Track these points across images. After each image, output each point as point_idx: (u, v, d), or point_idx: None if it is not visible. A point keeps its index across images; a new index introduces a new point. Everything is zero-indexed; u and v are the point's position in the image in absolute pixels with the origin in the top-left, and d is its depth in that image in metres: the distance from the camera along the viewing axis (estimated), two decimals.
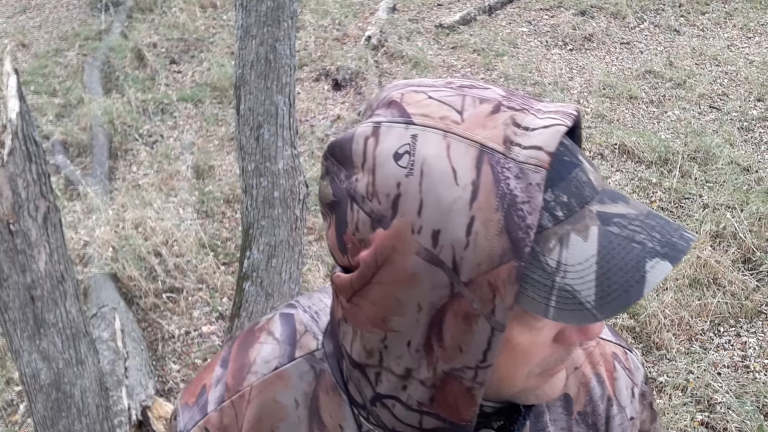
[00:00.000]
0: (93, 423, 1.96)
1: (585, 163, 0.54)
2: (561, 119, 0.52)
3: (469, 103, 0.53)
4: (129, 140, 4.95)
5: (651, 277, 0.49)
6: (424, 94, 0.55)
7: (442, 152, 0.51)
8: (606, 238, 0.51)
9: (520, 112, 0.53)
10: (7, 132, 1.60)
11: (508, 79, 5.37)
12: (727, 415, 2.73)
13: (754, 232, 3.59)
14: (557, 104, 0.55)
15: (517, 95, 0.56)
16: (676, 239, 0.51)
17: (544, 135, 0.51)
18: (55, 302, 1.78)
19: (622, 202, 0.54)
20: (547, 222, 0.51)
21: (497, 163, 0.50)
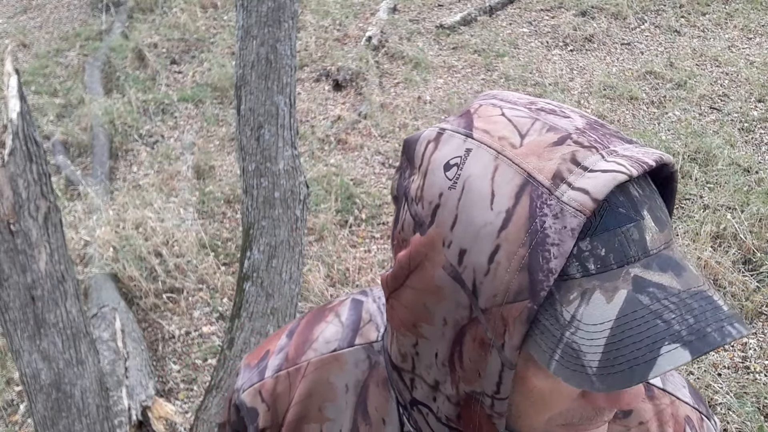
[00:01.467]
0: (93, 423, 1.96)
1: (647, 221, 0.49)
2: (627, 167, 0.48)
3: (537, 129, 0.51)
4: (129, 140, 4.96)
5: (662, 362, 0.44)
6: (499, 109, 0.54)
7: (488, 173, 0.50)
8: (632, 306, 0.46)
9: (587, 149, 0.49)
10: (7, 132, 1.60)
11: (508, 80, 5.37)
12: (727, 416, 2.72)
13: (754, 233, 3.59)
14: (642, 149, 0.51)
15: (599, 130, 0.52)
16: (712, 330, 0.45)
17: (598, 179, 0.47)
18: (56, 302, 1.78)
19: (674, 272, 0.48)
20: (575, 271, 0.48)
21: (538, 197, 0.48)
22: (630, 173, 0.47)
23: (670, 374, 0.73)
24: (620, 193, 0.49)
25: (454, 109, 4.94)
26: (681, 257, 0.50)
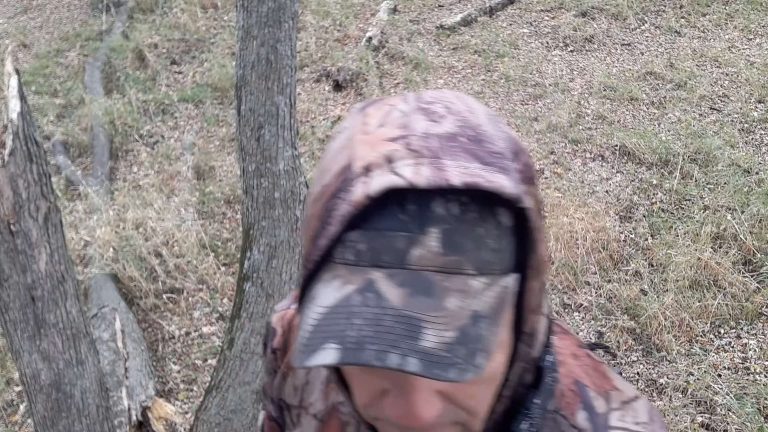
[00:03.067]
0: (93, 423, 1.96)
1: (428, 238, 0.47)
2: (416, 177, 0.47)
3: (394, 123, 0.52)
4: (130, 141, 4.96)
5: (316, 356, 0.45)
6: (403, 99, 0.56)
7: (337, 149, 0.54)
8: (346, 301, 0.47)
9: (409, 152, 0.49)
10: (8, 132, 1.60)
11: (508, 80, 5.37)
12: (727, 417, 2.72)
13: (754, 234, 3.59)
14: (480, 172, 0.48)
15: (452, 142, 0.50)
16: (374, 349, 0.44)
17: (381, 179, 0.48)
18: (56, 302, 1.78)
19: (411, 291, 0.46)
20: (337, 256, 0.49)
21: (345, 181, 0.50)
22: (411, 183, 0.47)
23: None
24: (412, 202, 0.48)
25: None
26: (447, 289, 0.46)
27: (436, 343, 0.44)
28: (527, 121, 4.84)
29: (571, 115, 4.81)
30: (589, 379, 0.66)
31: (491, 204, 0.49)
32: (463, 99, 0.56)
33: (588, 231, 3.61)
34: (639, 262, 3.49)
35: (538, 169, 4.32)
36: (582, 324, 3.25)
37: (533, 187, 0.53)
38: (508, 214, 0.50)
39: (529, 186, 0.52)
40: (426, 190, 0.48)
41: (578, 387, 0.65)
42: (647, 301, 3.24)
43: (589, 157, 4.44)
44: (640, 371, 3.00)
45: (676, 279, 3.33)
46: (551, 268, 3.50)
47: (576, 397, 0.64)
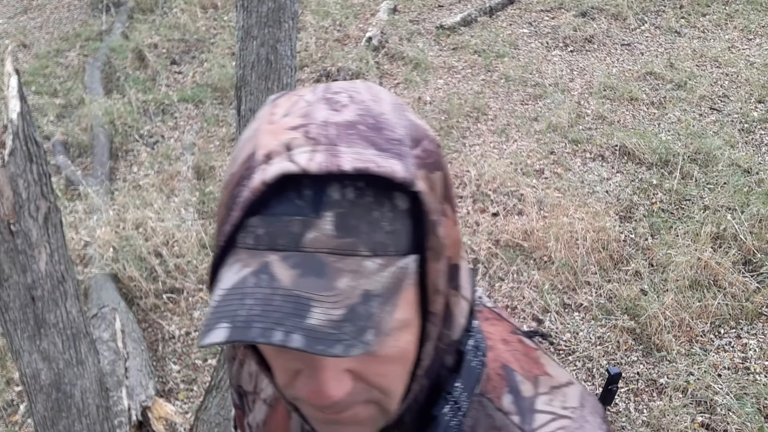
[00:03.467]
0: (93, 423, 1.96)
1: (323, 221, 0.49)
2: (310, 163, 0.49)
3: (297, 112, 0.54)
4: (130, 141, 4.96)
5: (210, 336, 0.47)
6: (312, 89, 0.58)
7: (245, 138, 0.56)
8: (242, 283, 0.49)
9: (307, 140, 0.51)
10: (8, 132, 1.60)
11: (508, 80, 5.37)
12: (727, 417, 2.72)
13: (754, 234, 3.59)
14: (376, 158, 0.50)
15: (351, 130, 0.52)
16: (260, 326, 0.46)
17: (276, 166, 0.50)
18: (56, 302, 1.78)
19: (302, 272, 0.48)
20: (240, 241, 0.52)
21: (248, 168, 0.52)
22: (304, 169, 0.49)
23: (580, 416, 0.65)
24: (308, 188, 0.50)
25: (454, 110, 4.95)
26: (339, 270, 0.48)
27: (323, 320, 0.46)
28: (527, 121, 4.84)
29: (571, 115, 4.81)
30: (518, 364, 0.66)
31: (387, 188, 0.51)
32: (372, 89, 0.58)
33: (588, 231, 3.61)
34: (639, 262, 3.49)
35: (537, 169, 4.32)
36: (582, 324, 3.25)
37: (434, 172, 0.55)
38: (404, 198, 0.52)
39: (428, 171, 0.54)
40: (323, 176, 0.50)
41: (505, 371, 0.66)
42: (647, 301, 3.24)
43: (589, 157, 4.44)
44: (640, 371, 3.00)
45: (676, 279, 3.33)
46: (551, 268, 3.50)
47: (502, 381, 0.65)
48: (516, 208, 3.97)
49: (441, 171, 0.56)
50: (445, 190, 0.57)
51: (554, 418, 0.63)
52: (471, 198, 4.08)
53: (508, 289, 3.44)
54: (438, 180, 0.55)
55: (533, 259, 3.61)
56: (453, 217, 0.58)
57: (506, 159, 4.37)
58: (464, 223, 3.87)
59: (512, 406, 0.63)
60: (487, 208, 4.00)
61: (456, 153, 4.52)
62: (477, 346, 0.64)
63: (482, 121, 4.90)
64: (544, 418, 0.63)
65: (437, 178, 0.55)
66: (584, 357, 3.06)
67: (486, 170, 4.22)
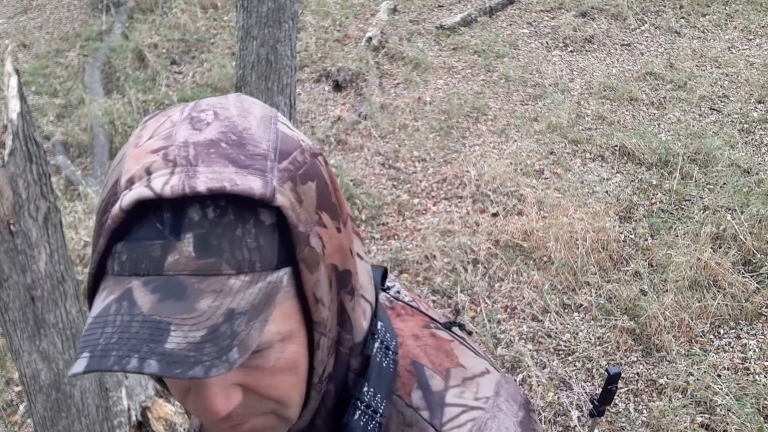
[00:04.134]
0: (93, 423, 1.96)
1: (183, 244, 0.49)
2: (161, 189, 0.49)
3: (160, 134, 0.54)
4: None
5: (75, 366, 0.47)
6: (180, 109, 0.57)
7: (115, 163, 0.56)
8: (105, 311, 0.49)
9: (166, 163, 0.51)
10: (7, 132, 1.60)
11: (508, 81, 5.37)
12: (727, 417, 2.72)
13: (754, 234, 3.59)
14: (236, 177, 0.50)
15: (210, 149, 0.52)
16: (117, 354, 0.46)
17: (133, 193, 0.50)
18: (56, 303, 1.78)
19: (162, 296, 0.48)
20: (109, 268, 0.52)
21: (112, 195, 0.53)
22: (158, 194, 0.49)
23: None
24: (168, 211, 0.50)
25: (454, 110, 4.95)
26: (201, 291, 0.48)
27: (182, 343, 0.46)
28: (527, 121, 4.84)
29: (570, 115, 4.81)
30: (428, 359, 0.66)
31: (251, 205, 0.51)
32: (243, 103, 0.58)
33: (588, 231, 3.61)
34: (639, 263, 3.49)
35: (537, 170, 4.32)
36: (582, 324, 3.25)
37: (305, 183, 0.54)
38: (268, 213, 0.52)
39: (296, 183, 0.53)
40: (182, 198, 0.50)
41: (415, 367, 0.66)
42: (647, 301, 3.24)
43: (588, 158, 4.44)
44: (640, 371, 3.00)
45: (676, 279, 3.33)
46: (551, 268, 3.50)
47: (412, 377, 0.65)
48: (516, 209, 3.97)
49: (315, 180, 0.55)
50: (323, 198, 0.56)
51: (464, 410, 0.63)
52: (471, 198, 4.08)
53: (508, 289, 3.44)
54: (311, 190, 0.55)
55: (533, 260, 3.61)
56: (334, 224, 0.57)
57: (506, 159, 4.37)
58: (464, 223, 3.87)
59: (422, 402, 0.63)
60: (487, 209, 4.00)
61: (456, 153, 4.52)
62: (387, 346, 0.65)
63: (482, 122, 4.90)
64: (454, 411, 0.63)
65: (310, 188, 0.55)
66: (584, 357, 3.06)
67: (486, 170, 4.22)
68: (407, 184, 4.28)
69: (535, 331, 3.22)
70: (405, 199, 4.14)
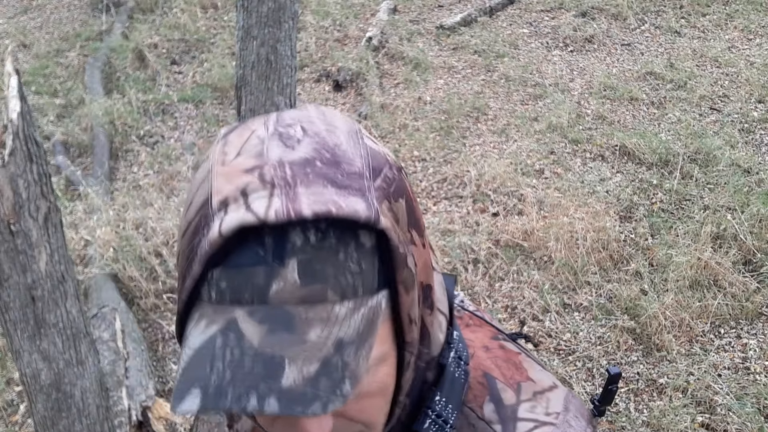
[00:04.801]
0: (93, 423, 1.96)
1: (288, 270, 0.47)
2: (269, 212, 0.47)
3: (250, 152, 0.52)
4: (130, 141, 4.96)
5: (184, 403, 0.45)
6: (262, 123, 0.55)
7: (198, 183, 0.54)
8: (209, 342, 0.47)
9: (263, 184, 0.49)
10: (8, 132, 1.60)
11: (508, 81, 5.37)
12: (727, 417, 2.72)
13: (754, 234, 3.59)
14: (336, 197, 0.48)
15: (306, 168, 0.50)
16: (234, 393, 0.45)
17: (233, 217, 0.48)
18: (56, 302, 1.78)
19: (272, 328, 0.47)
20: (204, 295, 0.50)
21: (205, 217, 0.50)
22: (261, 219, 0.47)
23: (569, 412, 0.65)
24: (269, 235, 0.48)
25: (454, 110, 4.95)
26: (309, 321, 0.47)
27: (297, 379, 0.45)
28: (527, 121, 4.84)
29: (571, 115, 4.81)
30: (499, 371, 0.66)
31: (351, 227, 0.49)
32: (324, 116, 0.56)
33: (588, 231, 3.61)
34: (639, 262, 3.49)
35: (537, 169, 4.32)
36: (582, 324, 3.25)
37: (398, 200, 0.53)
38: (368, 235, 0.50)
39: (391, 201, 0.52)
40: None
41: (486, 379, 0.65)
42: (647, 301, 3.24)
43: (589, 157, 4.44)
44: (640, 371, 3.00)
45: (676, 279, 3.33)
46: (551, 268, 3.50)
47: (484, 389, 0.64)
48: (516, 208, 3.97)
49: (404, 197, 0.54)
50: (411, 215, 0.55)
51: (537, 425, 0.62)
52: (471, 198, 4.08)
53: (508, 289, 3.44)
54: (402, 208, 0.53)
55: (533, 259, 3.61)
56: (421, 240, 0.56)
57: (506, 159, 4.37)
58: (464, 223, 3.87)
59: (494, 415, 0.63)
60: (487, 208, 4.00)
61: (456, 153, 4.52)
62: (459, 356, 0.64)
63: (482, 121, 4.91)
64: (527, 426, 0.62)
65: (401, 206, 0.53)
66: (584, 357, 3.06)
67: (486, 170, 4.22)
68: None
69: (535, 331, 3.22)
70: None
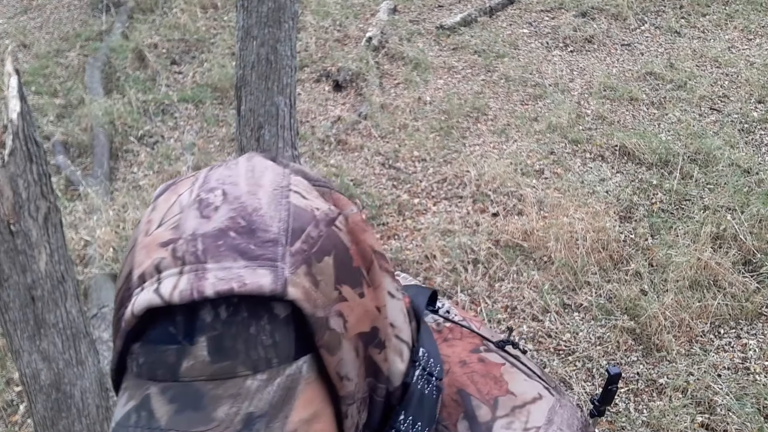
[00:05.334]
0: (93, 423, 1.96)
1: (197, 348, 0.47)
2: (169, 295, 0.48)
3: (169, 222, 0.52)
4: (129, 141, 4.96)
5: None
6: (189, 186, 0.55)
7: (129, 249, 0.55)
8: (124, 419, 0.48)
9: (174, 260, 0.49)
10: (8, 132, 1.60)
11: (508, 81, 5.37)
12: (727, 417, 2.72)
13: (754, 234, 3.59)
14: (243, 271, 0.48)
15: (219, 241, 0.50)
16: None
17: (142, 298, 0.48)
18: (56, 303, 1.78)
19: (180, 406, 0.47)
20: (130, 367, 0.51)
21: (127, 290, 0.51)
22: (167, 301, 0.47)
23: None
24: (180, 313, 0.48)
25: (454, 110, 4.95)
26: (218, 398, 0.47)
27: None
28: (527, 121, 4.84)
29: (571, 115, 4.81)
30: (475, 387, 0.64)
31: (262, 300, 0.49)
32: (253, 173, 0.55)
33: (588, 231, 3.61)
34: (639, 262, 3.49)
35: (537, 170, 4.32)
36: (582, 324, 3.25)
37: (321, 260, 0.51)
38: (282, 306, 0.49)
39: (311, 264, 0.51)
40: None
41: (461, 396, 0.63)
42: (647, 301, 3.24)
43: (589, 157, 4.44)
44: (640, 371, 3.00)
45: (676, 279, 3.33)
46: (551, 268, 3.50)
47: (458, 407, 0.63)
48: (516, 208, 3.97)
49: (332, 253, 0.52)
50: (342, 269, 0.53)
51: None
52: (471, 198, 4.08)
53: (508, 289, 3.44)
54: (329, 265, 0.52)
55: (533, 259, 3.61)
56: (357, 291, 0.54)
57: (506, 159, 4.37)
58: (464, 223, 3.87)
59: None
60: (487, 208, 4.00)
61: (456, 153, 4.52)
62: (430, 372, 0.62)
63: (482, 121, 4.91)
64: None
65: (327, 264, 0.52)
66: (584, 357, 3.06)
67: (486, 170, 4.22)
68: (407, 184, 4.28)
69: (535, 331, 3.22)
70: (405, 199, 4.14)
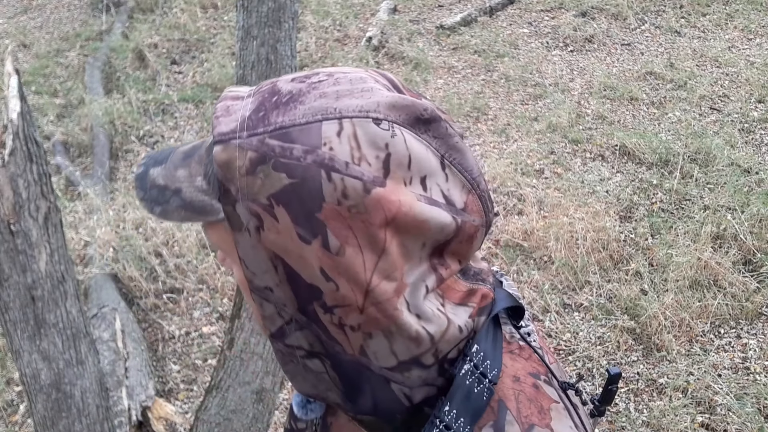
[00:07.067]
0: (93, 423, 1.96)
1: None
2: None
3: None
4: (130, 141, 4.96)
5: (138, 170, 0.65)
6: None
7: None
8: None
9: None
10: (8, 132, 1.60)
11: (508, 80, 5.37)
12: (727, 417, 2.72)
13: (754, 234, 3.59)
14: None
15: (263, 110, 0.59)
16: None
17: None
18: (56, 302, 1.78)
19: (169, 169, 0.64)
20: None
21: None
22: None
23: None
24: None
25: (454, 110, 4.95)
26: (183, 167, 0.63)
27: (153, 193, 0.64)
28: (527, 121, 4.84)
29: (571, 115, 4.81)
30: (516, 405, 0.62)
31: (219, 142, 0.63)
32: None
33: (588, 231, 3.61)
34: (639, 262, 3.49)
35: (537, 169, 4.32)
36: (582, 324, 3.25)
37: (274, 170, 0.58)
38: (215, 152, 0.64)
39: (261, 157, 0.58)
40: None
41: (498, 406, 0.62)
42: (647, 301, 3.24)
43: (589, 157, 4.44)
44: (640, 371, 3.00)
45: (676, 279, 3.33)
46: (551, 268, 3.50)
47: (491, 414, 0.61)
48: (516, 208, 3.97)
49: (294, 178, 0.53)
50: (292, 200, 0.54)
51: None
52: None
53: None
54: (275, 178, 0.54)
55: (533, 259, 3.61)
56: (301, 232, 0.55)
57: (506, 159, 4.37)
58: None
59: None
60: None
61: None
62: (483, 373, 0.61)
63: (482, 121, 4.91)
64: None
65: (276, 176, 0.54)
66: (584, 357, 3.06)
67: (486, 170, 4.22)
68: None
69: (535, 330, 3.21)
70: None
